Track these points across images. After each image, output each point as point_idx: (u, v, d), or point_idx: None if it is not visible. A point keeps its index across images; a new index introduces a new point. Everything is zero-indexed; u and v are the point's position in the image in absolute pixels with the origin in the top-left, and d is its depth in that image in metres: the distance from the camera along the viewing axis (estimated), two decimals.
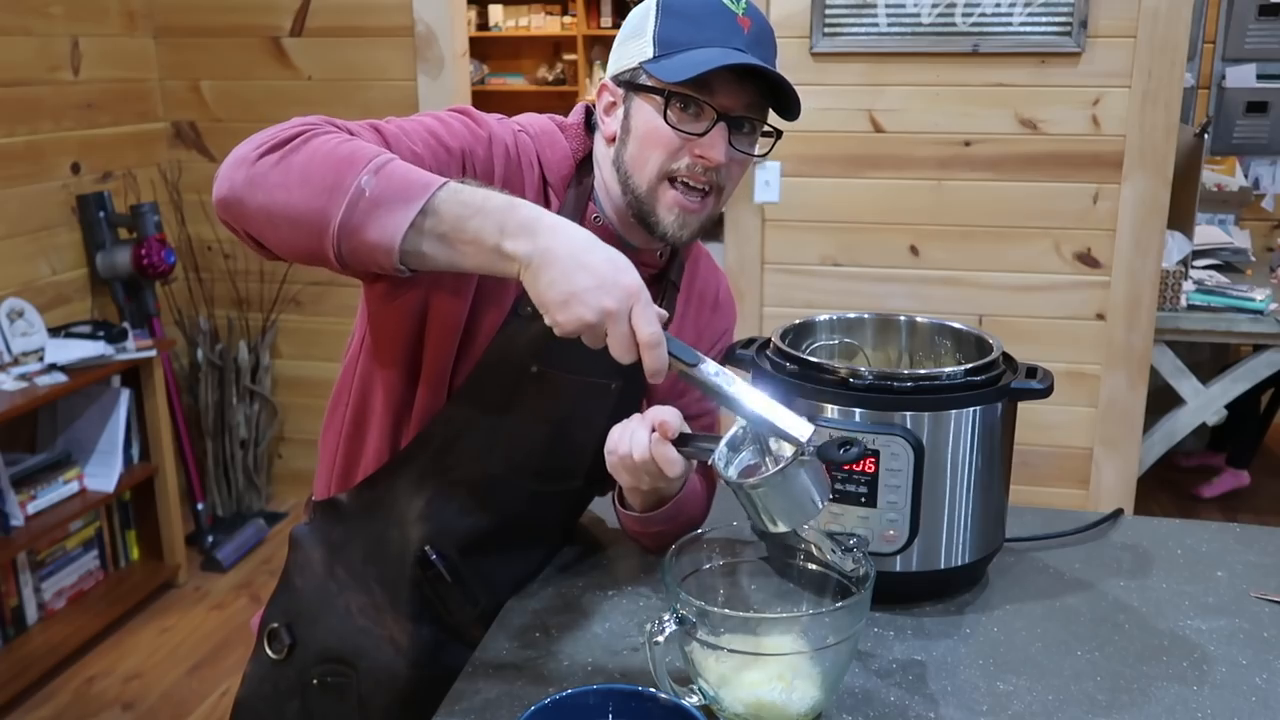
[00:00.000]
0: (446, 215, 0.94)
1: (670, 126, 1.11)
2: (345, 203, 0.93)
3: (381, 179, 0.94)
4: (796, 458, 0.96)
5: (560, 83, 6.70)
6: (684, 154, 1.12)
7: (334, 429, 1.26)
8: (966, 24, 2.73)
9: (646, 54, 1.12)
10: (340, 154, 0.96)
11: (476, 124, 1.15)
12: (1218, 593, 1.27)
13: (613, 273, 0.93)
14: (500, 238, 0.94)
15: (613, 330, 0.94)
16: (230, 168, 0.99)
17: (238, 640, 2.91)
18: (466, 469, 1.19)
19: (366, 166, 0.94)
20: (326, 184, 0.94)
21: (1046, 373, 1.24)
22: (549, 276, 0.93)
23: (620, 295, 0.93)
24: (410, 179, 0.95)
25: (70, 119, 3.17)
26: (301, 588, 1.26)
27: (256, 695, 1.28)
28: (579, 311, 0.92)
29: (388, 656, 1.22)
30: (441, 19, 3.22)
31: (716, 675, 0.98)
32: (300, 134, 0.98)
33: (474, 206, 0.94)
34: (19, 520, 2.74)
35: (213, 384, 3.54)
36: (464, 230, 0.94)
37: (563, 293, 0.93)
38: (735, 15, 1.11)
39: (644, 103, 1.13)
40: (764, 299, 3.01)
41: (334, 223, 0.94)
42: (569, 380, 1.17)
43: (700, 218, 1.16)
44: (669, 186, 1.14)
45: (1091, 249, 2.81)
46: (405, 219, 0.93)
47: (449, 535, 1.20)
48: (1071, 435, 2.92)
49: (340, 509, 1.24)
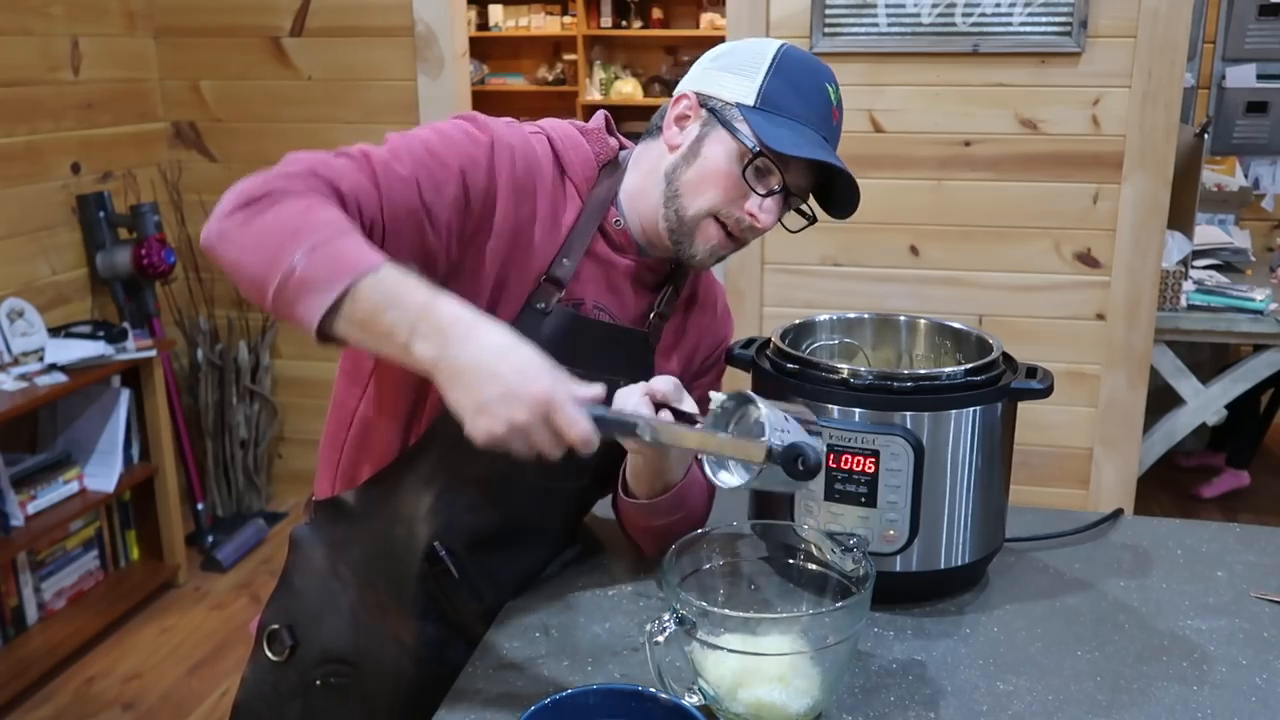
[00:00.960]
0: (364, 303, 0.94)
1: (740, 176, 1.16)
2: (279, 278, 0.95)
3: (314, 259, 0.94)
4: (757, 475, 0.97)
5: (560, 83, 6.69)
6: (738, 206, 1.18)
7: (340, 428, 1.26)
8: (966, 24, 2.73)
9: (747, 99, 1.17)
10: (290, 225, 0.97)
11: (478, 130, 1.16)
12: (1218, 593, 1.27)
13: (520, 382, 0.91)
14: (410, 337, 0.93)
15: (531, 439, 0.92)
16: (213, 217, 1.02)
17: (238, 640, 2.91)
18: (476, 465, 1.19)
19: (305, 244, 0.95)
20: (269, 255, 0.96)
21: (1046, 373, 1.24)
22: (457, 387, 0.92)
23: (530, 405, 0.91)
24: (339, 262, 0.94)
25: (70, 119, 3.17)
26: (302, 588, 1.25)
27: (256, 698, 1.28)
28: (488, 424, 0.91)
29: (392, 655, 1.22)
30: (441, 19, 3.22)
31: (716, 675, 0.98)
32: (273, 192, 1.00)
33: (393, 299, 0.94)
34: (19, 520, 2.74)
35: (213, 384, 3.54)
36: (379, 322, 0.94)
37: (474, 403, 0.91)
38: (832, 105, 1.19)
39: (725, 139, 1.17)
40: (764, 299, 3.01)
41: (269, 295, 0.96)
42: (576, 377, 1.17)
43: (725, 254, 1.23)
44: (713, 222, 1.19)
45: (1091, 249, 2.80)
46: (324, 302, 0.93)
47: (457, 531, 1.20)
48: (1071, 435, 2.92)
49: (343, 508, 1.24)
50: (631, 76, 6.62)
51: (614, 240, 1.23)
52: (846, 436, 1.17)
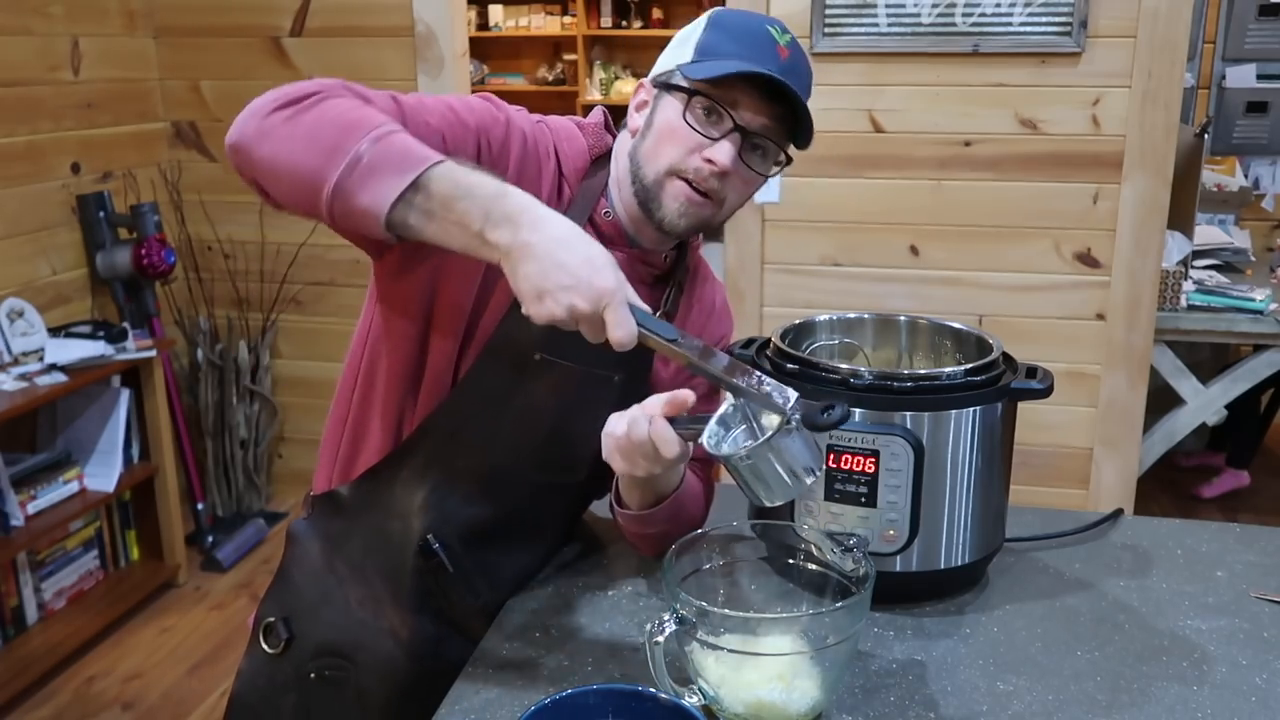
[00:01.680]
0: (436, 192, 0.96)
1: (687, 124, 1.14)
2: (343, 165, 0.96)
3: (380, 148, 0.97)
4: (782, 426, 0.96)
5: (560, 83, 6.69)
6: (695, 155, 1.15)
7: (338, 421, 1.27)
8: (966, 24, 2.73)
9: (685, 59, 1.17)
10: (347, 119, 0.99)
11: (496, 108, 1.19)
12: (1218, 593, 1.27)
13: (588, 272, 0.95)
14: (484, 224, 0.96)
15: (583, 326, 0.97)
16: (245, 117, 1.02)
17: (238, 640, 2.91)
18: (470, 458, 1.20)
19: (369, 134, 0.97)
20: (328, 145, 0.97)
21: (1046, 373, 1.24)
22: (525, 269, 0.95)
23: (592, 296, 0.95)
24: (409, 151, 0.97)
25: (70, 119, 3.17)
26: (299, 581, 1.26)
27: (252, 690, 1.28)
28: (549, 307, 0.95)
29: (388, 649, 1.22)
30: (441, 19, 3.22)
31: (716, 675, 0.98)
32: (315, 94, 1.02)
33: (465, 188, 0.96)
34: (19, 520, 2.74)
35: (213, 384, 3.54)
36: (451, 210, 0.96)
37: (536, 287, 0.95)
38: (777, 43, 1.16)
39: (670, 101, 1.17)
40: (764, 299, 3.01)
41: (329, 183, 0.97)
42: (572, 370, 1.17)
43: (701, 215, 1.19)
44: (675, 179, 1.17)
45: (1091, 249, 2.80)
46: (396, 189, 0.95)
47: (451, 525, 1.21)
48: (1071, 435, 2.92)
49: (340, 502, 1.24)
50: (631, 76, 6.62)
51: (604, 232, 1.23)
52: (846, 436, 1.17)
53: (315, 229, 3.45)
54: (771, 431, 0.96)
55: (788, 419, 0.95)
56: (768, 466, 0.98)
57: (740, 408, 1.02)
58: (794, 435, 0.97)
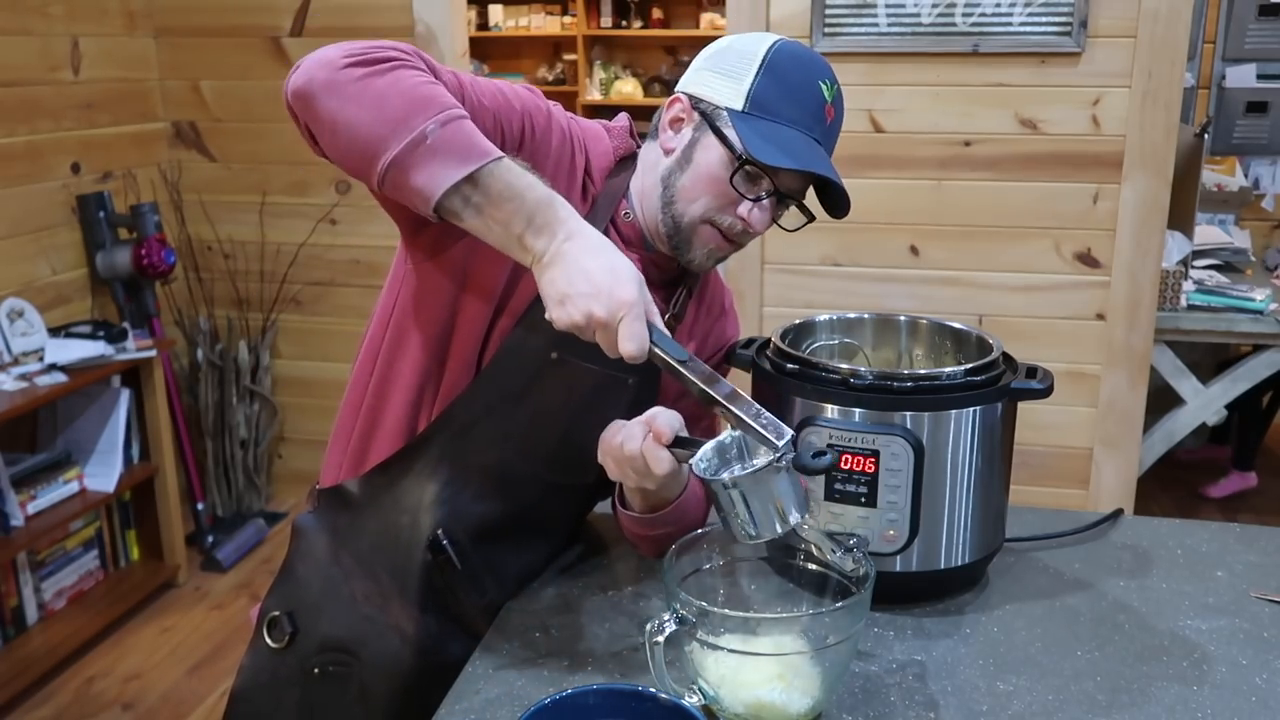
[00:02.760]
0: (489, 189, 0.99)
1: (729, 183, 1.17)
2: (407, 141, 0.98)
3: (446, 132, 0.98)
4: (773, 462, 0.96)
5: (560, 83, 6.69)
6: (730, 211, 1.19)
7: (350, 411, 1.26)
8: (966, 24, 2.73)
9: (735, 103, 1.17)
10: (419, 93, 1.00)
11: (539, 98, 1.20)
12: (1218, 593, 1.27)
13: (610, 283, 0.98)
14: (526, 228, 1.00)
15: (599, 334, 1.00)
16: (314, 64, 1.01)
17: (238, 640, 2.91)
18: (483, 454, 1.20)
19: (438, 115, 0.99)
20: (396, 117, 0.98)
21: (1046, 373, 1.24)
22: (552, 274, 1.00)
23: (611, 305, 0.98)
24: (472, 142, 1.00)
25: (70, 119, 3.18)
26: (304, 576, 1.25)
27: (254, 685, 1.28)
28: (570, 311, 0.99)
29: (393, 645, 1.22)
30: (441, 19, 3.23)
31: (716, 675, 0.98)
32: (391, 59, 1.02)
33: (516, 190, 1.00)
34: (19, 520, 2.74)
35: (213, 384, 3.54)
36: (499, 209, 1.00)
37: (560, 292, 0.99)
38: (825, 103, 1.18)
39: (715, 145, 1.18)
40: (764, 299, 3.01)
41: (389, 154, 0.98)
42: (587, 370, 1.18)
43: (725, 255, 1.25)
44: (709, 226, 1.20)
45: (1091, 249, 2.80)
46: (453, 177, 0.98)
47: (461, 522, 1.21)
48: (1071, 435, 2.92)
49: (348, 496, 1.24)
50: (631, 76, 6.62)
51: (623, 233, 1.24)
52: (846, 436, 1.17)
53: (315, 229, 3.46)
54: (761, 464, 0.97)
55: (780, 455, 0.96)
56: (752, 498, 0.98)
57: (738, 439, 1.03)
58: (783, 474, 0.97)
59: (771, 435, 0.96)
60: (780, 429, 0.97)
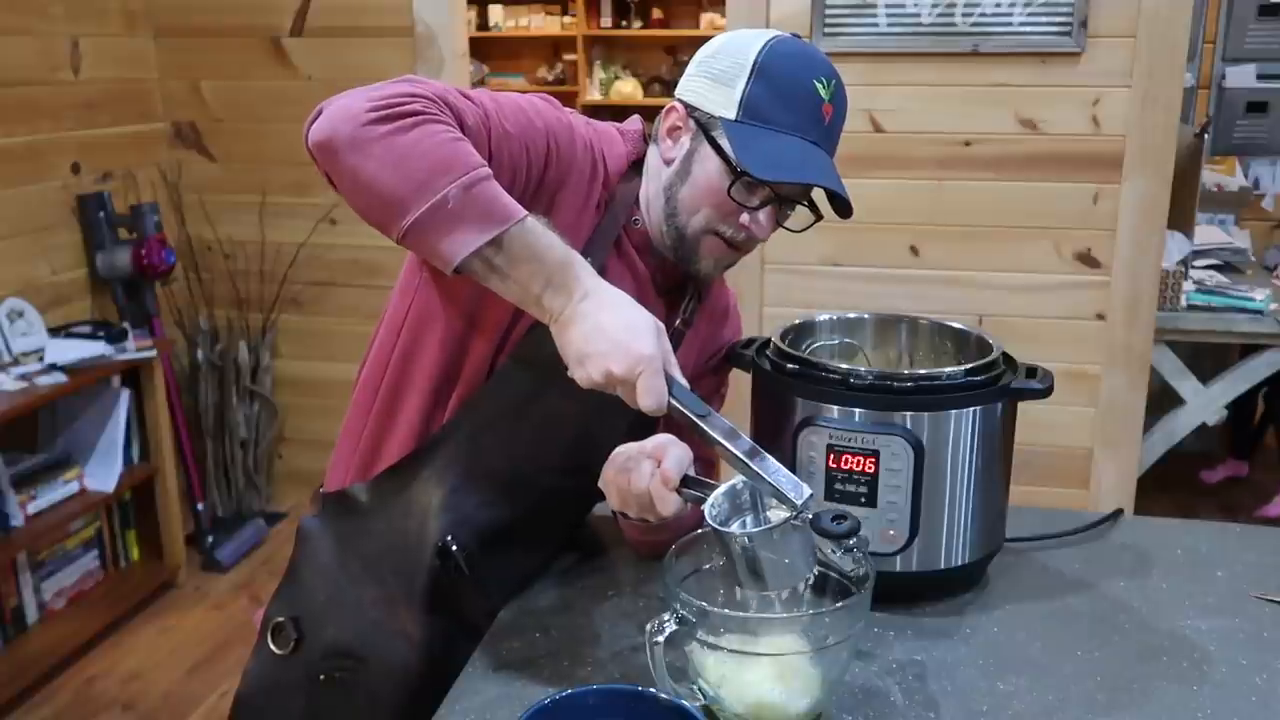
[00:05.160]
0: (509, 252, 1.00)
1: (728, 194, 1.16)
2: (429, 205, 0.97)
3: (469, 196, 0.98)
4: (788, 520, 0.96)
5: (560, 83, 6.69)
6: (733, 220, 1.18)
7: (359, 415, 1.26)
8: (966, 24, 2.73)
9: (728, 112, 1.15)
10: (442, 153, 0.99)
11: (559, 111, 1.20)
12: (1218, 593, 1.27)
13: (628, 338, 0.99)
14: (544, 289, 1.01)
15: (620, 390, 1.00)
16: (337, 116, 1.00)
17: (238, 640, 2.91)
18: (492, 461, 1.20)
19: (461, 179, 0.98)
20: (419, 178, 0.98)
21: (1046, 373, 1.24)
22: (570, 334, 1.01)
23: (629, 361, 0.98)
24: (493, 207, 0.99)
25: (70, 119, 3.17)
26: (310, 581, 1.25)
27: (258, 692, 1.27)
28: (589, 370, 1.00)
29: (400, 650, 1.22)
30: (441, 19, 3.22)
31: (716, 675, 0.98)
32: (415, 114, 1.00)
33: (535, 252, 1.00)
34: (19, 520, 2.74)
35: (213, 384, 3.54)
36: (518, 270, 1.00)
37: (579, 351, 1.00)
38: (822, 102, 1.16)
39: (711, 157, 1.17)
40: (764, 299, 3.00)
41: (410, 217, 0.98)
42: None
43: (733, 261, 1.25)
44: (713, 236, 1.20)
45: (1091, 249, 2.80)
46: (474, 243, 0.98)
47: (469, 527, 1.20)
48: (1071, 435, 2.91)
49: (354, 501, 1.23)
50: (631, 76, 6.62)
51: (633, 240, 1.24)
52: (846, 436, 1.17)
53: (315, 229, 3.46)
54: (778, 522, 0.97)
55: (797, 514, 0.96)
56: (763, 552, 0.97)
57: (749, 486, 1.02)
58: (796, 533, 0.96)
59: (791, 494, 0.96)
60: (799, 487, 0.96)
